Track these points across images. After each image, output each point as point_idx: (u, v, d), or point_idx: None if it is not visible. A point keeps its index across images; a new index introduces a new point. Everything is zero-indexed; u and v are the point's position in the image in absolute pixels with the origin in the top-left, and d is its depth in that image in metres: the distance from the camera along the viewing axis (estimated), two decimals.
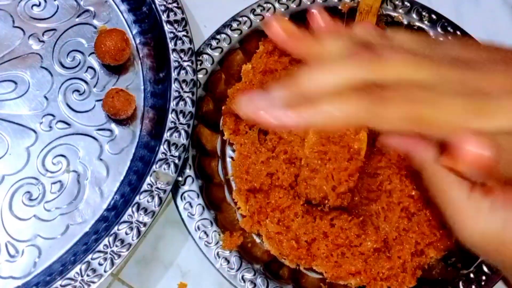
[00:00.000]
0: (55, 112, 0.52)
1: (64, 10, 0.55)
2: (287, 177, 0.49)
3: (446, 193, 0.30)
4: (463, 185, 0.30)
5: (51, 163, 0.50)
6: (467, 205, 0.30)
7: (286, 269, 0.49)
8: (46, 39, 0.54)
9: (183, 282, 0.50)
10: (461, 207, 0.30)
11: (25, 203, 0.49)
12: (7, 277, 0.47)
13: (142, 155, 0.51)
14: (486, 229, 0.29)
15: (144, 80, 0.53)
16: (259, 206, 0.49)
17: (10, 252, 0.47)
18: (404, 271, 0.47)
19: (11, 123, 0.51)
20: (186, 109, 0.49)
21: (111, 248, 0.45)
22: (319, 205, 0.49)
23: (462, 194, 0.30)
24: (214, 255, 0.47)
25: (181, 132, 0.49)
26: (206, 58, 0.53)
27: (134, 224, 0.46)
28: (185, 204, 0.49)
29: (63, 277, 0.44)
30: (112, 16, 0.55)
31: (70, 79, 0.53)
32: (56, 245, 0.48)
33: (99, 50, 0.51)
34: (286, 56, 0.53)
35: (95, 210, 0.49)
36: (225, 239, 0.47)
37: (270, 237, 0.49)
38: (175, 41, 0.51)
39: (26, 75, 0.52)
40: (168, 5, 0.53)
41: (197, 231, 0.48)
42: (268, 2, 0.55)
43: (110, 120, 0.52)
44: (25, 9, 0.54)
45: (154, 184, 0.47)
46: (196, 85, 0.50)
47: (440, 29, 0.55)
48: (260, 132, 0.52)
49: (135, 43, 0.54)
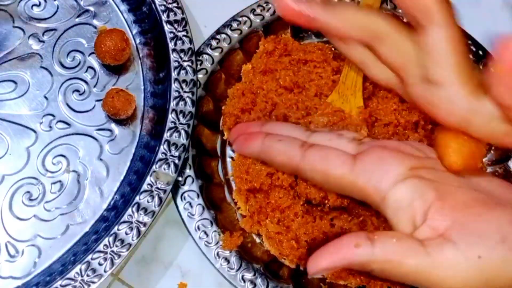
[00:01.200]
0: (55, 112, 0.52)
1: (64, 10, 0.55)
2: (287, 177, 0.49)
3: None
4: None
5: (51, 163, 0.50)
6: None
7: (286, 269, 0.49)
8: (46, 39, 0.54)
9: (183, 282, 0.50)
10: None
11: (25, 203, 0.49)
12: (7, 277, 0.47)
13: (142, 155, 0.51)
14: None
15: (144, 80, 0.53)
16: (259, 206, 0.49)
17: (10, 252, 0.48)
18: None
19: (11, 123, 0.51)
20: (186, 109, 0.49)
21: (111, 248, 0.45)
22: (319, 205, 0.49)
23: (420, 254, 0.29)
24: (214, 255, 0.47)
25: (181, 132, 0.49)
26: (206, 58, 0.53)
27: (134, 224, 0.46)
28: (185, 204, 0.49)
29: (63, 277, 0.44)
30: (112, 16, 0.55)
31: (70, 79, 0.53)
32: (56, 245, 0.48)
33: (99, 50, 0.51)
34: (286, 56, 0.53)
35: (95, 210, 0.49)
36: (225, 239, 0.47)
37: (270, 237, 0.49)
38: (175, 41, 0.51)
39: (26, 75, 0.53)
40: (168, 5, 0.53)
41: (197, 231, 0.48)
42: (268, 2, 0.55)
43: (110, 120, 0.52)
44: (25, 9, 0.54)
45: (154, 184, 0.47)
46: (196, 85, 0.50)
47: None
48: None
49: (135, 43, 0.55)
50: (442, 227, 0.29)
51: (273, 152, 0.33)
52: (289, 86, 0.52)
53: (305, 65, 0.53)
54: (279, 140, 0.33)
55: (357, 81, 0.52)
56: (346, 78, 0.52)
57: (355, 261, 0.29)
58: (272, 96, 0.51)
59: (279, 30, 0.56)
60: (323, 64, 0.53)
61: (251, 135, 0.34)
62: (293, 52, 0.53)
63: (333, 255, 0.29)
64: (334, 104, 0.50)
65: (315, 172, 0.31)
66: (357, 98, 0.51)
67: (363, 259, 0.29)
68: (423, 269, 0.28)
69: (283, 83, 0.52)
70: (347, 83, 0.52)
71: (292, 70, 0.52)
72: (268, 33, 0.55)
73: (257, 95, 0.52)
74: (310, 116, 0.50)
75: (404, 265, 0.28)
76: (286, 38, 0.55)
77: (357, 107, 0.51)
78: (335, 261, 0.29)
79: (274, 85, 0.52)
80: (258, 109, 0.51)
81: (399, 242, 0.29)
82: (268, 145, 0.33)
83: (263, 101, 0.51)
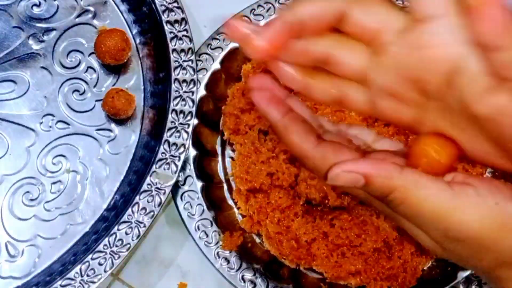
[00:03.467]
0: (55, 112, 0.52)
1: (64, 10, 0.55)
2: (287, 177, 0.49)
3: (431, 201, 0.29)
4: (442, 185, 0.29)
5: (51, 163, 0.50)
6: (457, 202, 0.29)
7: (286, 269, 0.49)
8: (46, 39, 0.54)
9: (183, 282, 0.50)
10: (451, 207, 0.30)
11: (25, 203, 0.49)
12: (7, 277, 0.47)
13: (142, 155, 0.51)
14: (483, 216, 0.29)
15: (144, 80, 0.53)
16: (259, 206, 0.49)
17: (10, 252, 0.48)
18: (404, 271, 0.47)
19: (11, 123, 0.51)
20: (186, 109, 0.49)
21: (111, 248, 0.45)
22: (319, 205, 0.49)
23: (447, 193, 0.29)
24: (214, 255, 0.47)
25: (181, 132, 0.49)
26: (206, 58, 0.53)
27: (134, 224, 0.46)
28: (185, 204, 0.49)
29: (63, 277, 0.44)
30: (112, 16, 0.55)
31: (70, 79, 0.53)
32: (56, 245, 0.48)
33: (99, 50, 0.51)
34: None
35: (95, 210, 0.49)
36: (225, 239, 0.47)
37: (270, 237, 0.49)
38: (175, 41, 0.51)
39: (26, 75, 0.52)
40: (168, 5, 0.53)
41: (197, 231, 0.48)
42: (268, 2, 0.55)
43: (110, 120, 0.52)
44: (25, 9, 0.54)
45: (154, 184, 0.47)
46: (196, 85, 0.50)
47: None
48: (260, 132, 0.52)
49: (135, 43, 0.54)
50: (461, 177, 0.29)
51: (291, 130, 0.32)
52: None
53: None
54: (303, 121, 0.32)
55: None
56: None
57: (382, 173, 0.28)
58: None
59: None
60: None
61: (276, 98, 0.33)
62: None
63: (361, 163, 0.29)
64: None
65: (324, 165, 0.30)
66: None
67: (390, 176, 0.28)
68: (447, 208, 0.28)
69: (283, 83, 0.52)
70: None
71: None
72: None
73: None
74: None
75: (429, 201, 0.28)
76: None
77: None
78: (362, 167, 0.29)
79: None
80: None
81: (430, 178, 0.29)
82: (290, 122, 0.32)
83: None
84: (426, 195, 0.28)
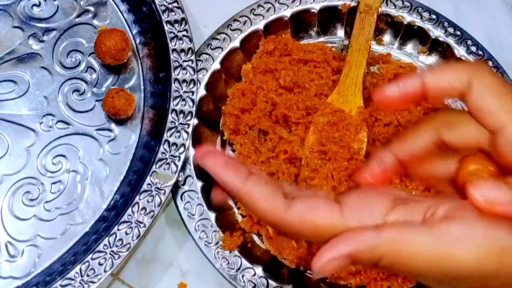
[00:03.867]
0: (55, 112, 0.52)
1: (64, 10, 0.55)
2: (287, 177, 0.49)
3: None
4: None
5: (51, 163, 0.50)
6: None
7: (286, 269, 0.49)
8: (46, 39, 0.54)
9: (183, 282, 0.50)
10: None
11: (25, 203, 0.49)
12: (7, 277, 0.47)
13: (142, 155, 0.51)
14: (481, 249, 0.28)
15: (144, 80, 0.53)
16: None
17: (10, 252, 0.47)
18: None
19: (11, 123, 0.51)
20: (186, 109, 0.49)
21: (111, 248, 0.45)
22: None
23: (432, 240, 0.28)
24: (214, 255, 0.47)
25: (181, 132, 0.49)
26: (206, 58, 0.53)
27: (134, 224, 0.46)
28: (185, 204, 0.49)
29: (63, 277, 0.44)
30: (112, 16, 0.55)
31: (70, 79, 0.53)
32: (56, 245, 0.48)
33: (99, 50, 0.51)
34: (286, 56, 0.53)
35: (95, 210, 0.49)
36: (225, 239, 0.47)
37: (270, 237, 0.49)
38: (175, 41, 0.51)
39: (26, 75, 0.52)
40: (168, 5, 0.53)
41: (197, 231, 0.48)
42: (268, 2, 0.55)
43: (110, 120, 0.52)
44: (25, 9, 0.54)
45: (154, 184, 0.47)
46: (196, 85, 0.50)
47: (440, 29, 0.55)
48: (260, 132, 0.52)
49: (135, 43, 0.54)
50: (442, 211, 0.28)
51: (256, 195, 0.29)
52: (289, 86, 0.52)
53: (305, 65, 0.53)
54: (266, 184, 0.30)
55: (357, 81, 0.52)
56: (346, 78, 0.52)
57: (362, 246, 0.28)
58: (272, 96, 0.51)
59: (279, 30, 0.56)
60: (323, 64, 0.53)
61: (232, 163, 0.30)
62: (293, 52, 0.53)
63: (339, 245, 0.28)
64: (334, 104, 0.50)
65: (303, 224, 0.29)
66: (357, 98, 0.51)
67: (372, 244, 0.27)
68: (437, 254, 0.27)
69: (283, 83, 0.52)
70: (347, 83, 0.52)
71: (292, 70, 0.52)
72: (268, 33, 0.55)
73: (257, 95, 0.52)
74: (310, 116, 0.50)
75: (418, 254, 0.27)
76: (286, 38, 0.55)
77: (357, 107, 0.51)
78: (341, 249, 0.28)
79: (274, 85, 0.52)
80: (258, 109, 0.51)
81: (409, 231, 0.28)
82: (253, 186, 0.30)
83: (263, 101, 0.51)
84: (412, 251, 0.27)
